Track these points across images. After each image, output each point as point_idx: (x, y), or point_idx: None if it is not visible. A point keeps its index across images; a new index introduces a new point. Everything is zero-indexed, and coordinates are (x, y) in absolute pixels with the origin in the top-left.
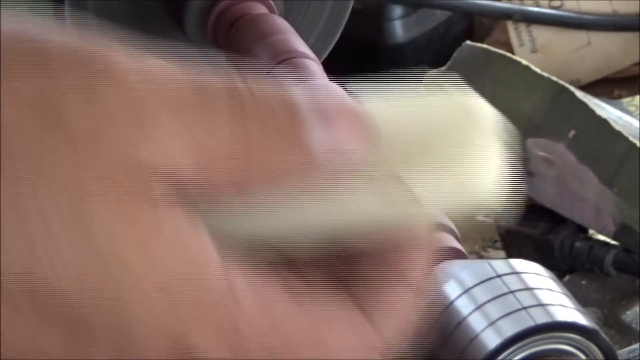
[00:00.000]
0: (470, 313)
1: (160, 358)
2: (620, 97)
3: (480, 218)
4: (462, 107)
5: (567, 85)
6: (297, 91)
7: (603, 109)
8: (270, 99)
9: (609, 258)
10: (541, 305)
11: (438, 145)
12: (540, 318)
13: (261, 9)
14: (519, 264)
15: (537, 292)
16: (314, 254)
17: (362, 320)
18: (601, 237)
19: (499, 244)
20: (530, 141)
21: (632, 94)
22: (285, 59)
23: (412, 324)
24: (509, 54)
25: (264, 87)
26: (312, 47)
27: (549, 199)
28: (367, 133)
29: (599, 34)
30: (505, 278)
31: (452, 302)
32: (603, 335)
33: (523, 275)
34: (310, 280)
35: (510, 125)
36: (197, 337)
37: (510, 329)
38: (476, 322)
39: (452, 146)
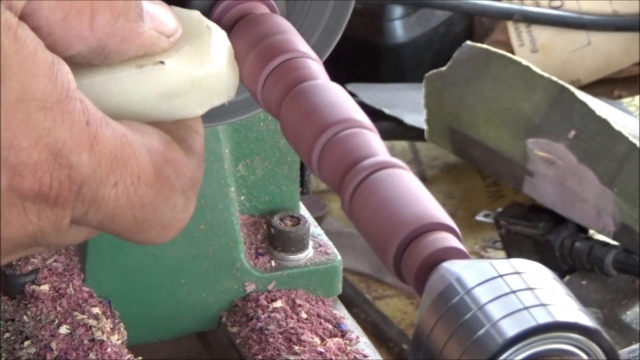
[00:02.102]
0: (472, 313)
1: (37, 167)
2: (620, 97)
3: (480, 218)
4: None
5: (567, 85)
6: None
7: (603, 109)
8: None
9: (609, 258)
10: (543, 305)
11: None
12: (542, 318)
13: (263, 9)
14: (521, 263)
15: (539, 292)
16: None
17: None
18: (601, 237)
19: (499, 244)
20: (530, 141)
21: (632, 94)
22: (286, 59)
23: None
24: (509, 54)
25: None
26: (314, 47)
27: (549, 199)
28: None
29: (599, 34)
30: (507, 278)
31: (453, 302)
32: (605, 335)
33: (525, 275)
34: None
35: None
36: (60, 134)
37: (512, 329)
38: (478, 322)
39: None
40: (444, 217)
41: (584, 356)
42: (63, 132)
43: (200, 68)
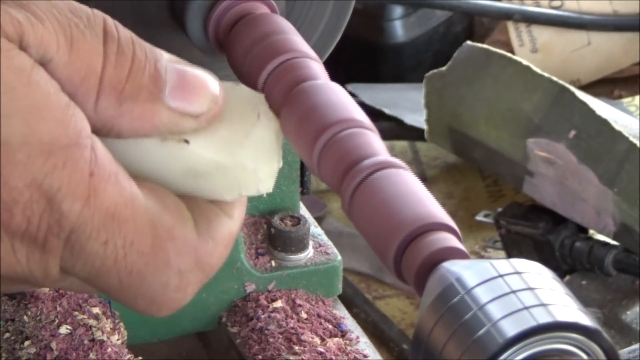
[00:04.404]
0: (472, 313)
1: (27, 207)
2: (620, 97)
3: (480, 218)
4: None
5: (567, 85)
6: (167, 57)
7: (603, 109)
8: (145, 54)
9: (609, 258)
10: (543, 305)
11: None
12: (542, 318)
13: (263, 9)
14: (521, 263)
15: (539, 292)
16: None
17: None
18: (601, 237)
19: (499, 244)
20: (530, 141)
21: (632, 94)
22: (287, 59)
23: None
24: (509, 54)
25: (141, 43)
26: (314, 47)
27: (549, 199)
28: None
29: (599, 34)
30: (507, 278)
31: (453, 302)
32: (605, 335)
33: (525, 275)
34: None
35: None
36: (57, 180)
37: (512, 329)
38: (478, 322)
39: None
40: (444, 217)
41: (584, 356)
42: (60, 178)
43: (227, 157)
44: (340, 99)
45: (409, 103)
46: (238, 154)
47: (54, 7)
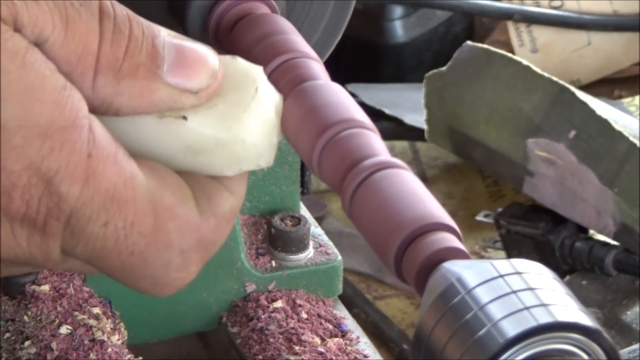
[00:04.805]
0: (473, 313)
1: (26, 191)
2: (620, 97)
3: (480, 218)
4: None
5: (567, 85)
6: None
7: (603, 109)
8: (142, 31)
9: (609, 258)
10: (543, 305)
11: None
12: (543, 318)
13: (263, 9)
14: (521, 264)
15: (540, 292)
16: None
17: None
18: (601, 237)
19: (499, 244)
20: (530, 141)
21: (632, 94)
22: (287, 59)
23: None
24: (509, 54)
25: (138, 20)
26: (314, 47)
27: (549, 199)
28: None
29: (599, 34)
30: (507, 278)
31: (454, 302)
32: (606, 335)
33: (525, 275)
34: None
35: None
36: (54, 162)
37: (512, 329)
38: (479, 322)
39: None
40: (445, 217)
41: (585, 356)
42: (58, 161)
43: (226, 132)
44: (341, 99)
45: (409, 103)
46: (236, 129)
47: None
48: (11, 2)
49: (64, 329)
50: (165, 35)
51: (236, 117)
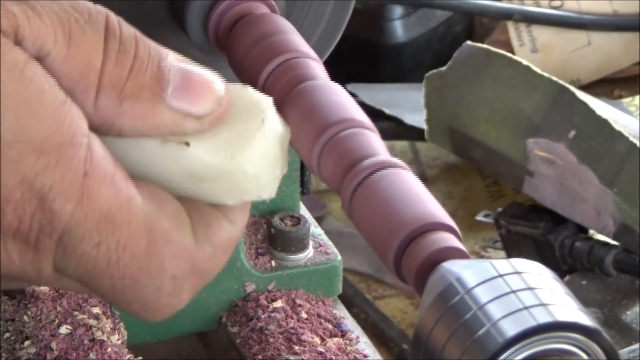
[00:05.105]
0: (472, 313)
1: (19, 206)
2: (620, 97)
3: (480, 218)
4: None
5: (567, 85)
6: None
7: (603, 109)
8: (149, 53)
9: (609, 258)
10: (543, 305)
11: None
12: (542, 318)
13: (263, 9)
14: (521, 263)
15: (539, 291)
16: None
17: None
18: (601, 237)
19: (499, 244)
20: (530, 141)
21: (632, 94)
22: (287, 59)
23: None
24: (509, 54)
25: (145, 41)
26: (314, 47)
27: (549, 199)
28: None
29: (599, 34)
30: (507, 278)
31: (453, 302)
32: (605, 335)
33: (525, 275)
34: None
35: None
36: (48, 179)
37: (512, 328)
38: (478, 322)
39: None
40: (444, 217)
41: (584, 356)
42: (52, 178)
43: (228, 161)
44: (341, 99)
45: (409, 103)
46: (239, 159)
47: (54, 1)
48: (13, 14)
49: (64, 329)
50: (173, 59)
51: (240, 147)
